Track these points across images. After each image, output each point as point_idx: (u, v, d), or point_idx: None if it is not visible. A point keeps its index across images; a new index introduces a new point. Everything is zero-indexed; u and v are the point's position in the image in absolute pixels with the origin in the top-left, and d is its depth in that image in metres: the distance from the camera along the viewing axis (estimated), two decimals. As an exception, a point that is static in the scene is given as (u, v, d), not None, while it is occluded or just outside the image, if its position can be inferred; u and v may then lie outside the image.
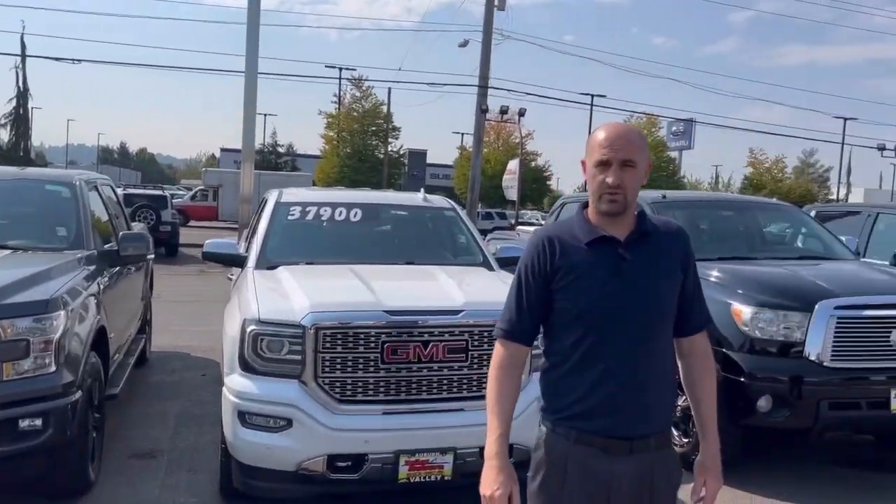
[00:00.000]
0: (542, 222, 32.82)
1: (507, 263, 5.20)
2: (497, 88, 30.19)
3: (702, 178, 63.49)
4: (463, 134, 53.48)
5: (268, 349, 3.59)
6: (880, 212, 7.43)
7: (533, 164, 45.51)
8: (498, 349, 2.03)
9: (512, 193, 25.51)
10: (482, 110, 23.44)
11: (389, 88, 40.62)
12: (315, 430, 3.51)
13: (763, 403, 4.31)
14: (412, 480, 3.58)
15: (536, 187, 49.42)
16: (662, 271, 1.97)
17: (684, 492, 2.09)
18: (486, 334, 3.73)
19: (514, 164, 26.11)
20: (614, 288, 1.90)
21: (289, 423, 3.51)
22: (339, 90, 42.72)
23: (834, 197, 47.61)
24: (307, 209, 5.11)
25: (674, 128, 52.27)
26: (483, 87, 23.63)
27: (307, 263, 4.60)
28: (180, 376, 6.65)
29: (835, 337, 4.31)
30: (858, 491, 4.48)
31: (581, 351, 1.92)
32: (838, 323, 4.33)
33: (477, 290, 4.12)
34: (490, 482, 1.94)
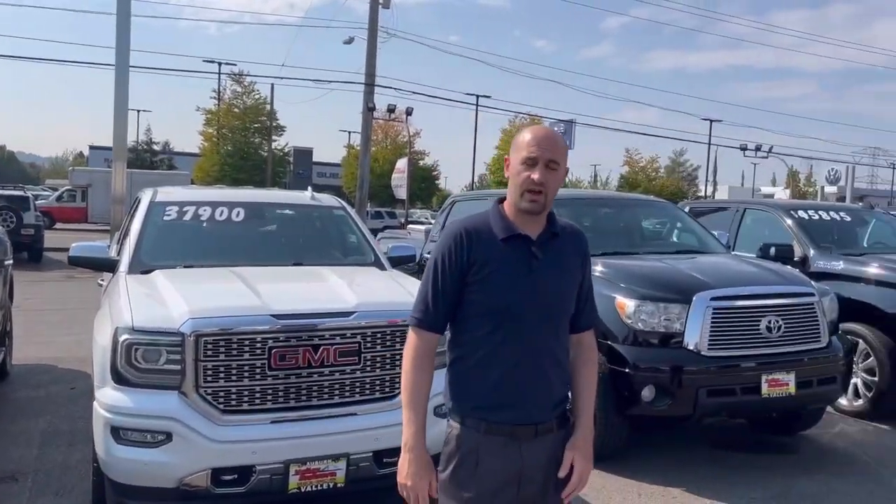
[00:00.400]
0: (432, 221, 33.12)
1: (398, 263, 5.14)
2: (384, 87, 30.00)
3: (582, 176, 65.96)
4: (350, 132, 53.00)
5: (143, 359, 3.34)
6: (747, 207, 7.92)
7: (421, 163, 45.75)
8: (412, 339, 2.06)
9: (401, 192, 25.53)
10: (369, 108, 23.28)
11: (272, 84, 39.62)
12: (197, 443, 3.30)
13: (647, 393, 4.45)
14: (303, 490, 3.43)
15: (425, 186, 49.68)
16: (567, 271, 2.07)
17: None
18: (379, 336, 3.64)
19: (402, 163, 26.15)
20: (525, 285, 1.97)
21: (168, 437, 3.27)
22: (219, 86, 41.28)
23: (702, 194, 50.66)
24: (185, 209, 4.82)
25: (555, 129, 53.81)
26: (370, 85, 23.46)
27: (185, 266, 4.34)
28: (46, 390, 6.15)
29: (711, 327, 4.52)
30: (738, 471, 4.72)
31: (490, 344, 1.98)
32: (714, 313, 4.54)
33: (369, 291, 4.03)
34: (410, 473, 2.01)
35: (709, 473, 4.66)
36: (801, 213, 7.25)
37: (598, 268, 5.04)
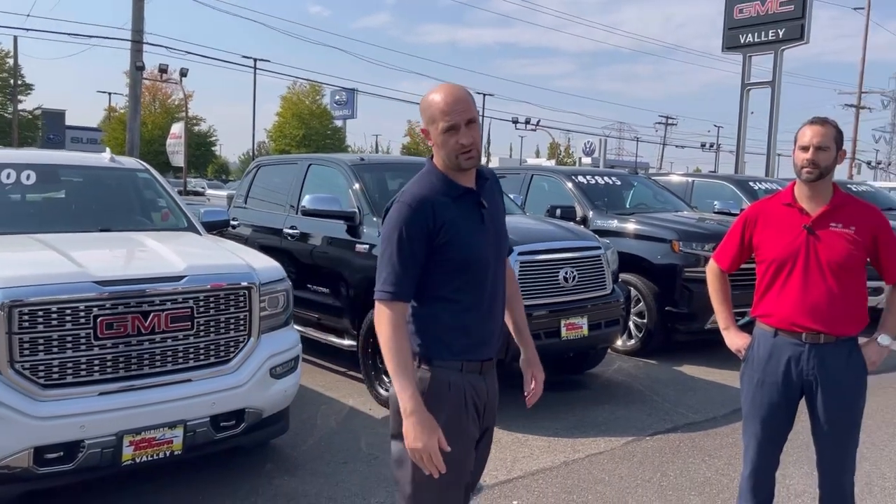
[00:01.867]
0: (210, 191, 31.40)
1: (213, 228, 4.99)
2: (154, 45, 27.86)
3: (364, 146, 66.36)
4: (110, 94, 48.52)
5: (-55, 336, 3.00)
6: (534, 173, 8.64)
7: (196, 128, 43.19)
8: (386, 312, 2.07)
9: (178, 159, 24.00)
10: (138, 68, 21.49)
11: (15, 37, 35.02)
12: (15, 422, 3.05)
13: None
14: (138, 461, 3.32)
15: (200, 153, 47.08)
16: (502, 212, 2.29)
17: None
18: (212, 300, 3.57)
19: (178, 128, 24.56)
20: (482, 235, 2.15)
21: (-20, 418, 2.99)
22: (-52, 35, 35.67)
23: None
24: (-38, 172, 4.29)
25: (337, 97, 53.50)
26: (138, 42, 21.65)
27: (-26, 235, 3.89)
28: None
29: (518, 278, 4.95)
30: (541, 408, 5.23)
31: (461, 296, 2.13)
32: (521, 267, 4.99)
33: (196, 255, 3.92)
34: (418, 435, 2.01)
35: (517, 412, 5.12)
36: (580, 178, 8.08)
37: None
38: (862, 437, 2.80)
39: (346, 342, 5.70)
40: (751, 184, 10.10)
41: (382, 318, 2.07)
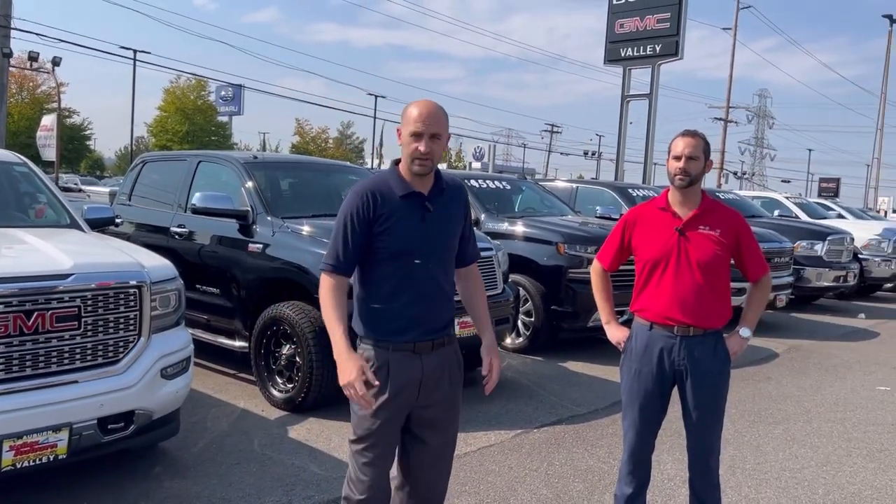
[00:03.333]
0: (83, 188, 29.60)
1: (97, 225, 4.80)
2: (23, 31, 25.97)
3: (252, 143, 64.67)
4: (-28, 81, 44.79)
5: None
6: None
7: (69, 121, 40.69)
8: (327, 281, 2.43)
9: (49, 153, 22.54)
10: (4, 54, 20.07)
11: None
12: None
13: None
14: (19, 466, 3.17)
15: (74, 147, 44.43)
16: (452, 218, 2.56)
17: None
18: (100, 299, 3.47)
19: (49, 120, 23.09)
20: (421, 232, 2.44)
21: None
22: None
23: (370, 166, 53.20)
24: None
25: (223, 92, 51.92)
26: (5, 28, 20.22)
27: None
28: None
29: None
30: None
31: (393, 281, 2.44)
32: (416, 267, 5.10)
33: (83, 253, 3.78)
34: (342, 371, 2.32)
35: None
36: (473, 182, 8.31)
37: (305, 228, 5.30)
38: (727, 426, 3.09)
39: (238, 343, 5.62)
40: (629, 190, 10.70)
41: (323, 285, 2.42)
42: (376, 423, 2.46)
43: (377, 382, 2.38)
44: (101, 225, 4.88)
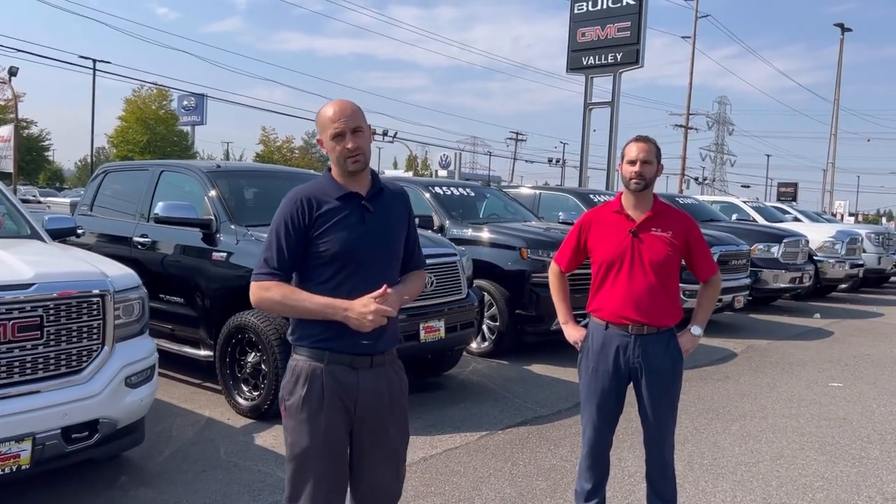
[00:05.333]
0: (42, 200, 29.00)
1: (58, 235, 4.77)
2: (-24, 40, 25.41)
3: (215, 153, 64.06)
4: (-75, 91, 43.66)
5: None
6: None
7: (27, 132, 39.89)
8: (258, 287, 2.31)
9: (6, 164, 22.09)
10: (-40, 64, 19.71)
11: None
12: None
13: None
14: (-20, 478, 3.16)
15: (32, 159, 43.55)
16: (395, 221, 2.46)
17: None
18: (62, 308, 3.46)
19: (6, 131, 22.63)
20: (361, 233, 2.33)
21: None
22: None
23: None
24: None
25: (185, 102, 51.36)
26: (-40, 37, 19.88)
27: None
28: None
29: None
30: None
31: (333, 285, 2.30)
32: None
33: (45, 263, 3.76)
34: (354, 306, 2.23)
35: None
36: (437, 189, 8.39)
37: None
38: (685, 423, 3.21)
39: (203, 353, 5.61)
40: (591, 196, 10.89)
41: (257, 291, 2.30)
42: (315, 439, 2.29)
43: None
44: (62, 235, 4.85)
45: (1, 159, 22.51)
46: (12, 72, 24.07)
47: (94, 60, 36.71)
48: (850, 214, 51.74)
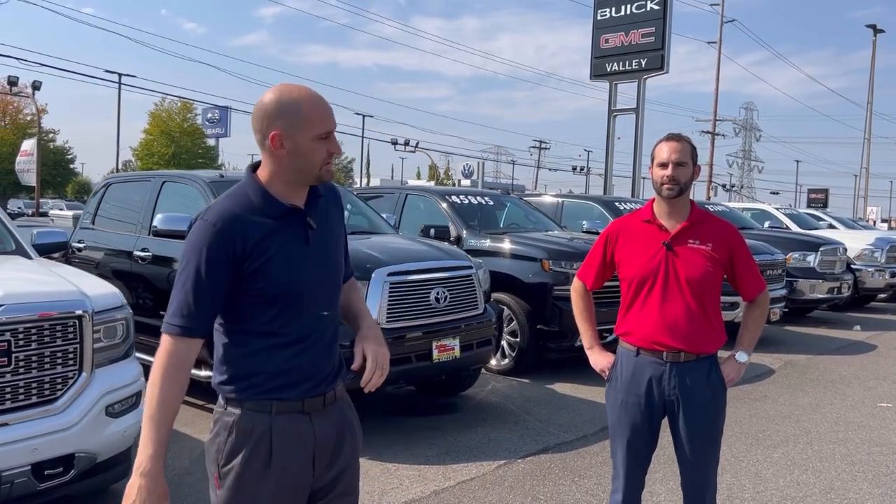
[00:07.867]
0: (55, 212, 29.19)
1: (48, 251, 4.49)
2: (4, 56, 25.69)
3: (241, 165, 64.49)
4: (-46, 107, 44.41)
5: None
6: (408, 193, 8.53)
7: (52, 144, 40.35)
8: (168, 347, 1.77)
9: (30, 178, 22.21)
10: (-16, 79, 19.83)
11: None
12: None
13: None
14: (-61, 522, 2.85)
15: (58, 172, 44.05)
16: (336, 233, 1.98)
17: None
18: (33, 332, 3.16)
19: (29, 145, 22.76)
20: (307, 262, 1.85)
21: None
22: None
23: (358, 185, 53.06)
24: None
25: (209, 115, 51.77)
26: (-17, 52, 20.00)
27: None
28: None
29: (388, 300, 4.78)
30: (412, 434, 5.08)
31: (275, 327, 1.83)
32: (391, 288, 4.81)
33: (17, 282, 3.48)
34: (142, 501, 1.71)
35: (387, 439, 4.93)
36: (455, 199, 8.03)
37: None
38: (723, 450, 2.80)
39: (204, 373, 5.27)
40: (616, 204, 10.44)
41: (162, 351, 1.77)
42: None
43: None
44: (52, 250, 4.59)
45: (23, 173, 22.63)
46: (35, 86, 24.18)
47: (120, 74, 37.04)
48: (883, 220, 50.48)
